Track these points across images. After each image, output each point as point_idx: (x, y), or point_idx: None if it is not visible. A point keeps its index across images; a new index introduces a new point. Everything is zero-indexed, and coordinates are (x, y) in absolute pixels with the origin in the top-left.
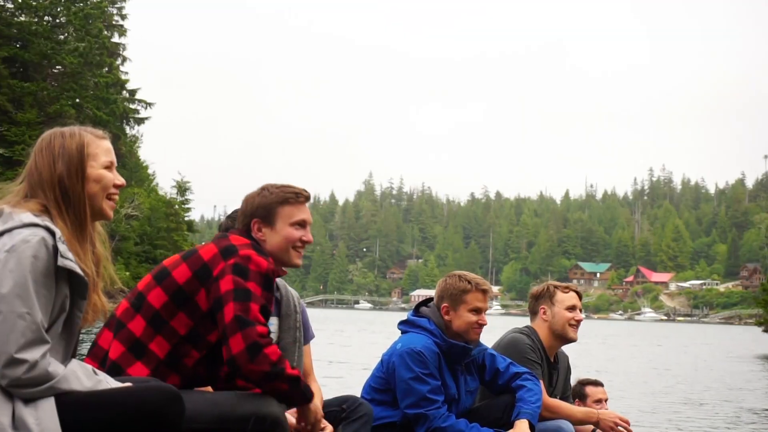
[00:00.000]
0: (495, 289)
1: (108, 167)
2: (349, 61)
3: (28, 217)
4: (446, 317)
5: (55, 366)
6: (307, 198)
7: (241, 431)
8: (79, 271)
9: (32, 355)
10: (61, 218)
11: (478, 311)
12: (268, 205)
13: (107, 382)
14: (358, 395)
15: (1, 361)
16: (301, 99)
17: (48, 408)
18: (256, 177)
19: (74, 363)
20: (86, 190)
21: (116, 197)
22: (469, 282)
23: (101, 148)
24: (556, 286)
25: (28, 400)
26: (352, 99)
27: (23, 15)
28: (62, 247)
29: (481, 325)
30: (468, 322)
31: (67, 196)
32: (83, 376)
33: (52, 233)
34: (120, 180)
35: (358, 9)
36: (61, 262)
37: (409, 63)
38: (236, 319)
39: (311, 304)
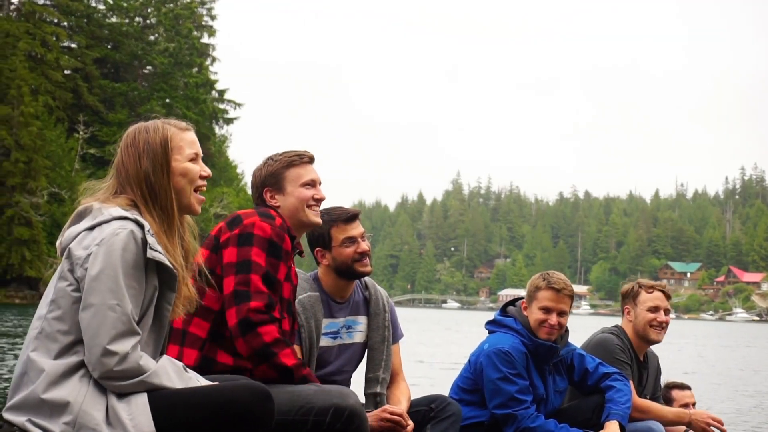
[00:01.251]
0: (583, 288)
1: (193, 159)
2: (434, 60)
3: (117, 211)
4: (525, 313)
5: (146, 360)
6: (311, 159)
7: (320, 423)
8: (167, 263)
9: (123, 346)
10: (149, 213)
11: (547, 310)
12: (274, 172)
13: (197, 380)
14: (446, 395)
15: (93, 354)
16: (388, 98)
17: (141, 403)
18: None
19: (165, 359)
20: (172, 184)
21: (204, 188)
22: (544, 279)
23: (185, 141)
24: (641, 286)
25: (122, 396)
26: (439, 98)
27: (114, 16)
28: (151, 240)
29: (551, 326)
30: (537, 320)
31: (153, 192)
32: (173, 374)
33: (141, 226)
34: (206, 171)
35: (440, 7)
36: (150, 254)
37: (496, 63)
38: (234, 293)
39: (399, 304)
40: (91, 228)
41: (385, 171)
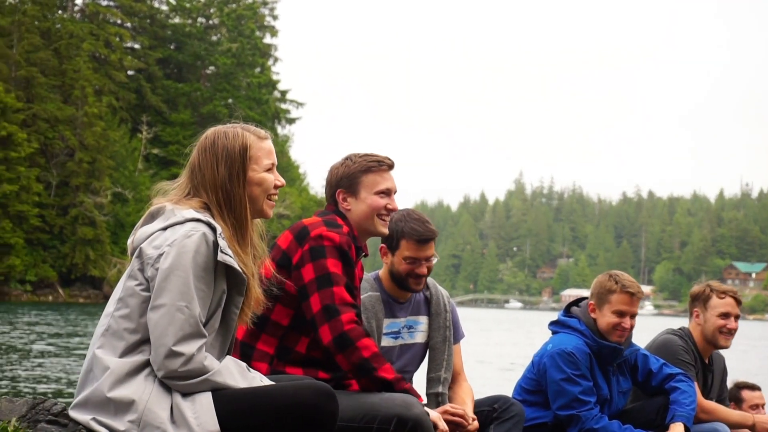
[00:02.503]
0: (647, 289)
1: (269, 169)
2: (498, 60)
3: (190, 212)
4: (592, 315)
5: (210, 360)
6: (391, 166)
7: (383, 431)
8: (237, 267)
9: (189, 348)
10: (222, 218)
11: (621, 314)
12: (351, 174)
13: (261, 380)
14: (509, 396)
15: (159, 354)
16: (451, 97)
17: (205, 402)
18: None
19: (228, 360)
20: (247, 193)
21: (276, 197)
22: (617, 282)
23: (263, 150)
24: (712, 290)
25: (186, 395)
26: (502, 98)
27: (177, 17)
28: (222, 243)
29: (624, 329)
30: (609, 323)
31: (228, 199)
32: (237, 373)
33: (214, 229)
34: (281, 181)
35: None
36: (220, 257)
37: (559, 63)
38: (323, 310)
39: (461, 304)
40: (164, 228)
41: (448, 171)
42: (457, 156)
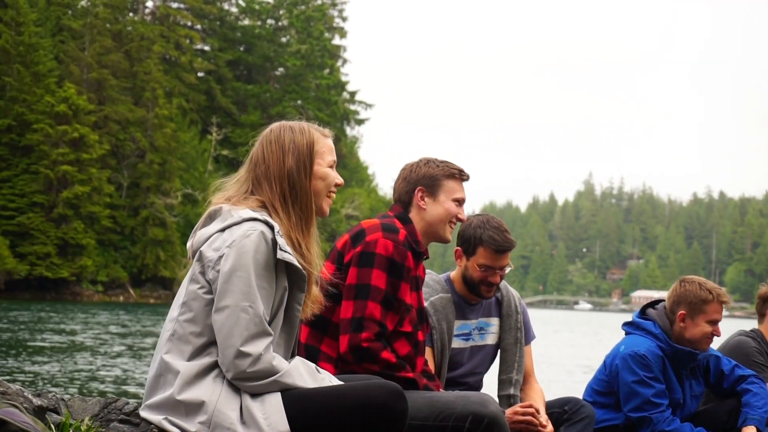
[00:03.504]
0: None
1: (331, 166)
2: (566, 59)
3: (246, 212)
4: (680, 324)
5: (279, 361)
6: (467, 178)
7: (459, 430)
8: (297, 264)
9: (256, 348)
10: (285, 212)
11: (715, 323)
12: (434, 176)
13: (330, 380)
14: (580, 397)
15: (227, 355)
16: (519, 98)
17: (275, 403)
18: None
19: (297, 360)
20: (312, 186)
21: (334, 195)
22: (710, 292)
23: (327, 147)
24: None
25: (256, 395)
26: (572, 98)
27: (247, 19)
28: (281, 241)
29: (713, 336)
30: (704, 333)
31: (294, 191)
32: (306, 374)
33: (271, 227)
34: (340, 179)
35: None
36: (280, 255)
37: (627, 59)
38: (351, 319)
39: (530, 305)
40: (222, 230)
41: (516, 172)
42: (526, 157)
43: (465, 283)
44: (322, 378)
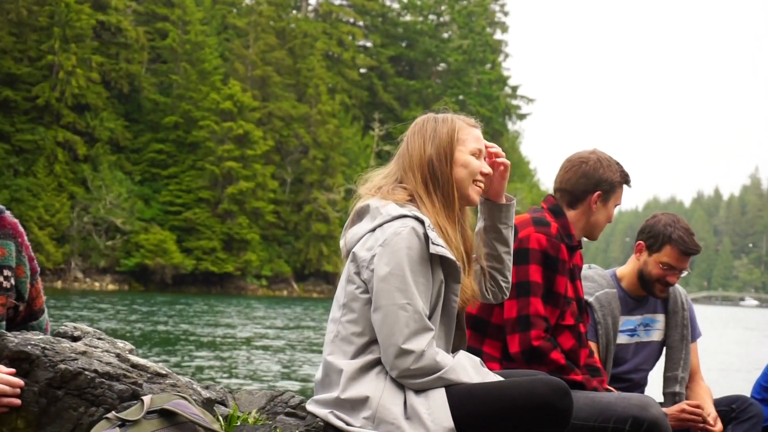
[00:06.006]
0: None
1: (475, 154)
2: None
3: (394, 209)
4: None
5: (443, 356)
6: (630, 186)
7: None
8: (451, 256)
9: (418, 344)
10: (429, 201)
11: None
12: (613, 182)
13: (493, 375)
14: (747, 395)
15: (390, 354)
16: (683, 92)
17: (439, 398)
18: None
19: (462, 355)
20: (453, 173)
21: (482, 184)
22: None
23: (471, 135)
24: None
25: (419, 391)
26: (737, 93)
27: (408, 15)
28: (432, 234)
29: None
30: None
31: (435, 178)
32: (471, 369)
33: (422, 221)
34: (486, 169)
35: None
36: (433, 249)
37: None
38: (517, 319)
39: (695, 301)
40: (373, 230)
41: (680, 166)
42: (689, 151)
43: (640, 279)
44: (486, 373)
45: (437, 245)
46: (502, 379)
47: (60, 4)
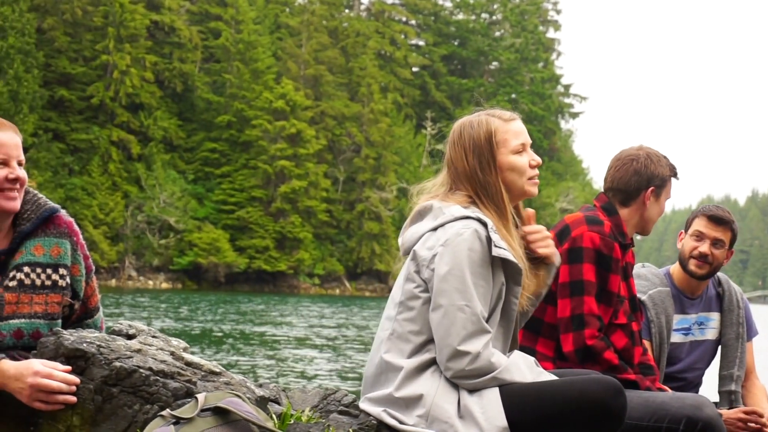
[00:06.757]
0: None
1: (520, 151)
2: None
3: (458, 210)
4: None
5: (498, 357)
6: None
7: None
8: (513, 259)
9: (474, 346)
10: (485, 207)
11: None
12: (664, 177)
13: (547, 375)
14: None
15: (445, 354)
16: (738, 90)
17: (492, 398)
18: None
19: (516, 354)
20: (501, 179)
21: (536, 177)
22: None
23: (510, 132)
24: None
25: (473, 390)
26: None
27: (461, 13)
28: (495, 237)
29: None
30: None
31: (484, 188)
32: (525, 368)
33: (484, 224)
34: (536, 159)
35: None
36: (495, 251)
37: None
38: (571, 318)
39: (750, 300)
40: (435, 229)
41: (735, 164)
42: (744, 149)
43: (680, 263)
44: (540, 372)
45: (500, 248)
46: (555, 378)
47: (114, 4)
